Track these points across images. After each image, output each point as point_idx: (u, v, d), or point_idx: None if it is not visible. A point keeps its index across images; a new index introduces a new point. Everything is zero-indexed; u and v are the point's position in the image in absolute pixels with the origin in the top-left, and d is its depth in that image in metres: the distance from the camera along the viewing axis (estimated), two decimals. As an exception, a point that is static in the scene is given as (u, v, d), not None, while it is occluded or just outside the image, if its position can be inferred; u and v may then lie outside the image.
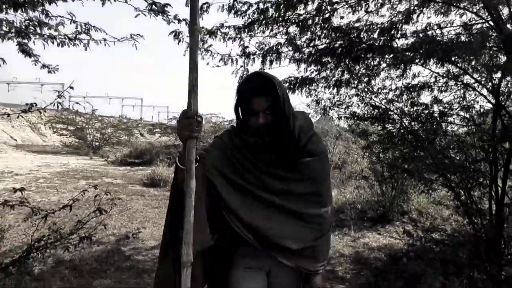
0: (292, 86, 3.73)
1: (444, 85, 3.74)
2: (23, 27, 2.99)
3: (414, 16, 3.61)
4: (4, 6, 2.85)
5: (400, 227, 5.60)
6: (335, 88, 3.82)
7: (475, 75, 3.35)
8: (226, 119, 12.54)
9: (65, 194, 7.19)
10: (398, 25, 3.58)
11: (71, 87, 2.95)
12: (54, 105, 3.00)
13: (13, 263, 2.78)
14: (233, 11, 3.02)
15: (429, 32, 3.49)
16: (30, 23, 2.98)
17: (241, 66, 3.46)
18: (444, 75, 3.64)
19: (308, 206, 1.44)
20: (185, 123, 1.19)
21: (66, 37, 3.19)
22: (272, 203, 1.40)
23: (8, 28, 2.90)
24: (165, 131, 14.26)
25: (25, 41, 3.27)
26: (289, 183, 1.43)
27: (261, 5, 3.09)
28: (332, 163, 9.16)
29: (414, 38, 3.54)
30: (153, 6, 2.88)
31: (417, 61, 3.23)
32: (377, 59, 3.82)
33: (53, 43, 3.15)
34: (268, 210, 1.40)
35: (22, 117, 2.83)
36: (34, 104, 2.84)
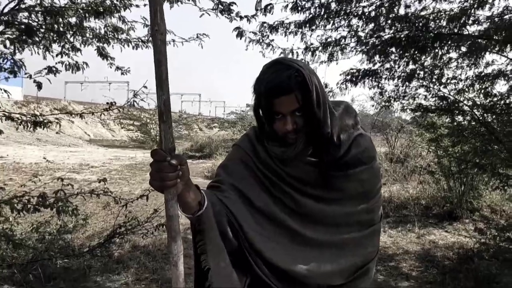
0: (354, 79, 3.69)
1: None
2: (104, 33, 3.29)
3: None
4: (87, 15, 3.17)
5: (470, 225, 5.31)
6: (400, 79, 3.72)
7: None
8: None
9: (134, 185, 7.75)
10: (470, 10, 3.39)
11: (145, 87, 3.20)
12: (130, 103, 3.28)
13: (100, 246, 3.10)
14: (296, 9, 3.07)
15: (506, 17, 3.27)
16: (109, 29, 3.27)
17: (302, 59, 3.50)
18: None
19: (351, 230, 1.15)
20: (155, 168, 0.83)
21: (140, 40, 3.45)
22: (310, 239, 1.12)
23: (92, 35, 3.21)
24: (223, 126, 14.69)
25: (104, 45, 3.60)
26: (330, 204, 1.13)
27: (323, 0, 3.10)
28: (394, 157, 8.86)
29: (489, 23, 3.34)
30: (219, 6, 3.02)
31: (492, 48, 3.04)
32: (445, 48, 3.65)
33: (128, 46, 3.43)
34: (302, 245, 1.12)
35: (104, 114, 3.11)
36: (114, 103, 3.13)
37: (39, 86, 2.77)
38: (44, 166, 9.01)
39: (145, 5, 3.49)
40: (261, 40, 3.43)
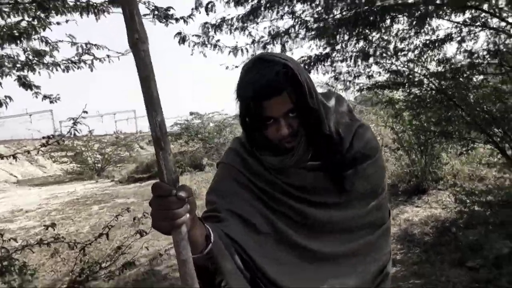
0: (307, 66, 3.64)
1: (468, 35, 3.64)
2: (26, 59, 2.94)
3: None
4: (0, 41, 2.79)
5: (438, 195, 5.53)
6: (352, 59, 3.73)
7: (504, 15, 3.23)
8: (230, 115, 12.39)
9: (81, 223, 7.16)
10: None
11: (85, 111, 2.87)
12: (70, 134, 2.94)
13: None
14: (239, 2, 2.94)
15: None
16: (31, 53, 2.93)
17: (252, 55, 3.37)
18: (467, 23, 3.54)
19: (365, 234, 1.07)
20: (159, 206, 0.71)
21: (70, 61, 3.12)
22: (324, 253, 1.03)
23: (11, 63, 2.85)
24: (167, 140, 14.21)
25: (24, 73, 3.21)
26: (338, 209, 1.05)
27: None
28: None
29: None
30: (156, 12, 2.81)
31: (437, 13, 3.13)
32: (389, 21, 3.71)
33: (57, 70, 3.09)
34: (317, 263, 1.03)
35: (41, 151, 2.77)
36: (50, 136, 2.78)
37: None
38: (-33, 222, 8.02)
39: (67, 21, 3.15)
40: (206, 42, 3.25)
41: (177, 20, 3.27)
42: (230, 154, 1.14)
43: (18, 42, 2.84)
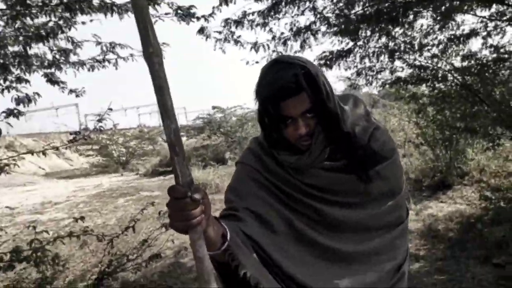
0: (328, 62, 3.67)
1: (494, 29, 3.58)
2: (53, 58, 3.09)
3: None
4: (29, 41, 2.95)
5: (463, 191, 5.46)
6: (374, 55, 3.73)
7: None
8: (252, 109, 12.46)
9: (108, 215, 7.44)
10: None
11: (110, 109, 3.01)
12: (96, 129, 3.09)
13: (89, 291, 2.91)
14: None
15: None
16: (58, 53, 3.08)
17: (273, 51, 3.43)
18: (493, 17, 3.49)
19: (382, 233, 1.11)
20: (175, 208, 0.76)
21: (95, 60, 3.27)
22: (343, 252, 1.07)
23: (39, 62, 3.00)
24: (189, 133, 14.43)
25: (51, 70, 3.37)
26: (354, 209, 1.08)
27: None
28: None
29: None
30: (179, 11, 2.89)
31: (463, 8, 3.10)
32: (411, 17, 3.69)
33: (83, 68, 3.24)
34: (337, 261, 1.07)
35: (69, 147, 2.93)
36: (78, 132, 2.94)
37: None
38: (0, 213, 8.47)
39: (91, 20, 3.28)
40: (228, 38, 3.34)
41: (198, 18, 3.36)
42: (247, 154, 1.19)
43: (45, 41, 2.98)
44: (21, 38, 2.82)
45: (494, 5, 3.17)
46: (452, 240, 4.00)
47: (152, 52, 0.70)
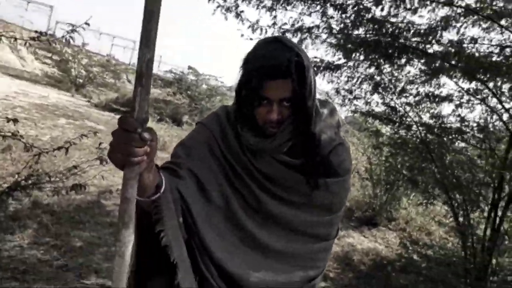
0: (316, 68, 3.72)
1: (467, 102, 3.81)
2: None
3: (455, 23, 3.61)
4: None
5: (386, 233, 5.81)
6: (359, 81, 3.84)
7: (503, 99, 3.42)
8: (226, 85, 12.34)
9: (43, 130, 7.08)
10: (436, 29, 3.57)
11: (87, 23, 2.84)
12: (65, 38, 2.90)
13: (-5, 198, 2.76)
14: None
15: (464, 45, 3.51)
16: None
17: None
18: (470, 91, 3.70)
19: (308, 241, 1.12)
20: (121, 139, 0.71)
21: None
22: (267, 245, 1.09)
23: None
24: (156, 83, 14.04)
25: None
26: (293, 208, 1.09)
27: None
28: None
29: (449, 47, 3.56)
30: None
31: (451, 73, 3.27)
32: (403, 60, 3.83)
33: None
34: (257, 250, 1.08)
35: (29, 44, 2.73)
36: (44, 33, 2.74)
37: None
38: None
39: None
40: (230, 9, 3.26)
41: None
42: (212, 119, 1.16)
43: None
44: None
45: (474, 82, 3.36)
46: (362, 272, 4.26)
47: None
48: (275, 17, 3.37)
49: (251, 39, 3.39)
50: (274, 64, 0.95)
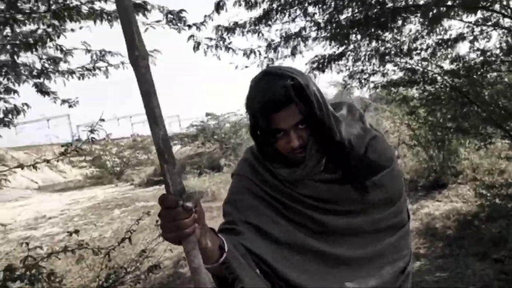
0: (321, 66, 3.73)
1: (480, 34, 3.67)
2: (42, 67, 3.08)
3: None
4: (15, 50, 2.92)
5: (458, 189, 5.54)
6: (366, 59, 3.80)
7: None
8: (245, 116, 12.49)
9: (104, 227, 7.41)
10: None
11: (102, 119, 3.01)
12: (88, 140, 3.09)
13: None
14: (249, 5, 3.04)
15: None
16: (47, 62, 3.07)
17: (265, 57, 3.48)
18: (479, 22, 3.57)
19: (384, 237, 1.10)
20: (166, 218, 0.73)
21: (85, 69, 3.26)
22: (345, 257, 1.07)
23: (27, 71, 3.00)
24: (183, 142, 14.42)
25: (41, 80, 3.35)
26: (354, 216, 1.08)
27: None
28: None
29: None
30: (169, 15, 2.91)
31: (449, 14, 3.18)
32: (400, 22, 3.76)
33: (72, 77, 3.24)
34: (338, 266, 1.07)
35: (60, 160, 2.90)
36: (70, 144, 2.93)
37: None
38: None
39: (81, 27, 3.25)
40: (219, 45, 3.37)
41: (189, 27, 3.36)
42: (243, 165, 1.17)
43: (34, 50, 2.89)
44: (8, 46, 2.79)
45: (479, 11, 3.25)
46: (450, 237, 4.07)
47: (138, 56, 0.68)
48: (262, 35, 3.44)
49: (246, 67, 3.47)
50: (272, 99, 0.95)
